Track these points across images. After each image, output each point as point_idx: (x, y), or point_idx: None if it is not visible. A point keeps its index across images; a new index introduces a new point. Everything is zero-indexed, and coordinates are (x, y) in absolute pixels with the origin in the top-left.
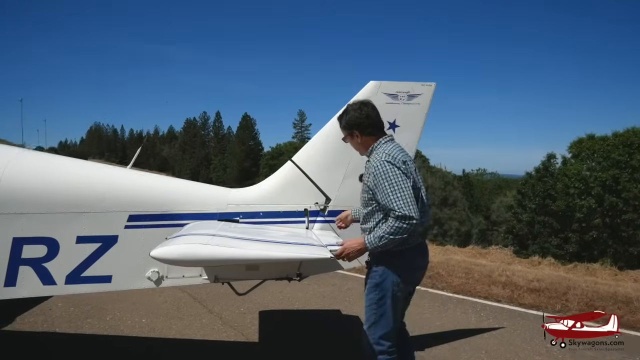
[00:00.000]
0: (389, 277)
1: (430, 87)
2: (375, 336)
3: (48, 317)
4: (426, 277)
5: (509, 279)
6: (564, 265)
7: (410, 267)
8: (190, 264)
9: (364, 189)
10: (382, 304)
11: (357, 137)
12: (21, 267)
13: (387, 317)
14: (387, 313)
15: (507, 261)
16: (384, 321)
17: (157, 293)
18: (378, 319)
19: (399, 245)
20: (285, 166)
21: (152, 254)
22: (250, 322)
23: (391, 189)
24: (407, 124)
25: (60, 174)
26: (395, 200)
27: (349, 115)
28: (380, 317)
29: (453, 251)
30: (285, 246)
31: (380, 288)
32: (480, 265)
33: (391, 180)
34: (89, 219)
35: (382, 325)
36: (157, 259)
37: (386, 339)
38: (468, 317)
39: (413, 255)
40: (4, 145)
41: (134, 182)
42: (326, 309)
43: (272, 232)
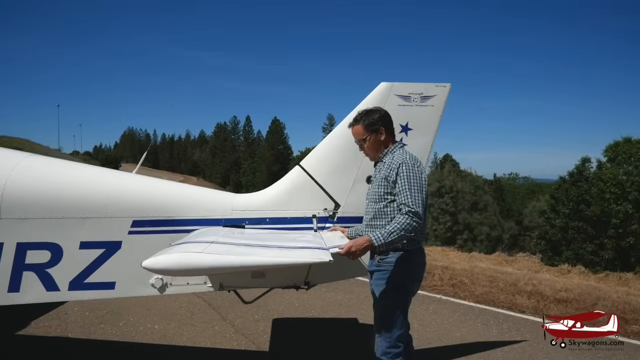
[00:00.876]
0: (404, 277)
1: (444, 88)
2: (392, 339)
3: (63, 321)
4: (448, 285)
5: (535, 289)
6: (595, 274)
7: (418, 265)
8: (182, 274)
9: (378, 184)
10: (399, 305)
11: (381, 134)
12: (25, 272)
13: (402, 319)
14: (403, 314)
15: (534, 269)
16: (399, 322)
17: (173, 299)
18: (395, 321)
19: (409, 245)
20: (293, 171)
21: (143, 265)
22: (262, 330)
23: (411, 185)
24: (420, 127)
25: (64, 178)
26: (412, 196)
27: (371, 114)
28: (397, 318)
29: (478, 258)
30: (286, 250)
31: (397, 288)
32: (505, 273)
33: (415, 178)
34: (93, 224)
35: (398, 326)
36: (148, 269)
37: (401, 341)
38: (489, 328)
39: (419, 253)
40: (9, 150)
41: (138, 187)
42: (342, 317)
43: (277, 236)
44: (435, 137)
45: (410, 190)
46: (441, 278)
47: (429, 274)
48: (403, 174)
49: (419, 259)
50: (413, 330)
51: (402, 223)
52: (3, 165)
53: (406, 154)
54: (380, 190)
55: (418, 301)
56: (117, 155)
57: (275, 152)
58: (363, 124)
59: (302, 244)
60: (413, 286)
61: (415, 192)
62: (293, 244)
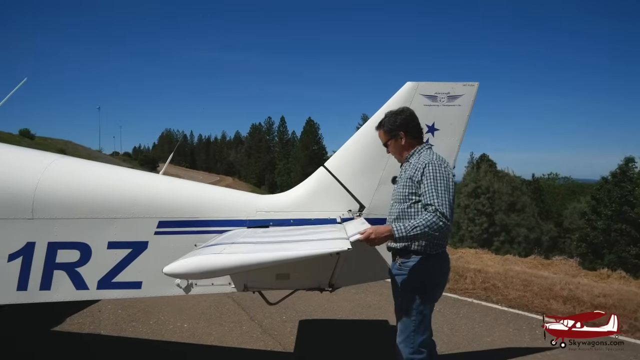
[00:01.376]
0: (427, 282)
1: (472, 87)
2: (415, 344)
3: (96, 318)
4: (481, 288)
5: (572, 293)
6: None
7: (442, 270)
8: (202, 276)
9: (403, 185)
10: (423, 309)
11: (401, 139)
12: (56, 271)
13: (425, 323)
14: (426, 318)
15: (571, 273)
16: (423, 327)
17: (203, 298)
18: (417, 326)
19: (431, 249)
20: (318, 172)
21: (164, 271)
22: (290, 331)
23: (437, 185)
24: (447, 127)
25: (93, 179)
26: (439, 197)
27: (392, 118)
28: (420, 323)
29: (513, 261)
30: (304, 244)
31: (419, 293)
32: (541, 277)
33: (442, 179)
34: (120, 224)
35: (421, 331)
36: (169, 275)
37: (424, 346)
38: (522, 334)
39: (443, 259)
40: (41, 152)
41: (164, 188)
42: (370, 319)
43: (299, 232)
44: (463, 137)
45: (436, 191)
46: (473, 281)
47: (461, 277)
48: (429, 175)
49: (441, 263)
50: (442, 334)
51: (428, 220)
52: (35, 167)
53: (433, 155)
54: (404, 191)
55: (449, 305)
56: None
57: (309, 153)
58: (384, 129)
59: (322, 237)
60: (435, 291)
61: (441, 193)
62: (313, 237)
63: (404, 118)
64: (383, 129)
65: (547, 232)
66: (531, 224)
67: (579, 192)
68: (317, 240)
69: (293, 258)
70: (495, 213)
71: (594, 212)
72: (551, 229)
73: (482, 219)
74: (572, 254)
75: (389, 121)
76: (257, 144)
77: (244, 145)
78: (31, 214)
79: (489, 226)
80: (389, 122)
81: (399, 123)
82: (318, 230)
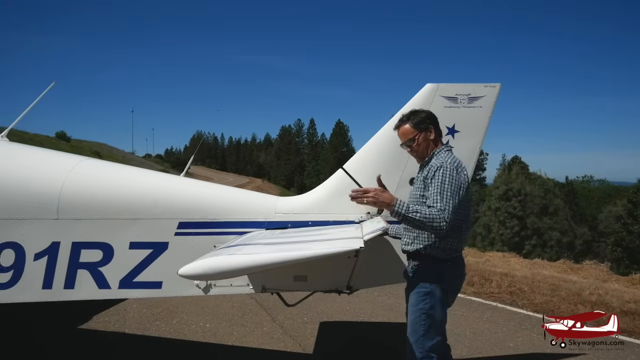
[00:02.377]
0: (439, 286)
1: (494, 88)
2: (424, 348)
3: (121, 317)
4: (506, 292)
5: (601, 299)
6: None
7: (455, 276)
8: (216, 277)
9: (418, 185)
10: (432, 313)
11: (430, 132)
12: (79, 270)
13: (435, 328)
14: (436, 323)
15: (602, 278)
16: (433, 332)
17: (227, 298)
18: (427, 330)
19: (444, 253)
20: (337, 174)
21: (179, 273)
22: (310, 332)
23: (445, 190)
24: (468, 129)
25: (115, 181)
26: (442, 200)
27: (421, 112)
28: (429, 327)
29: (541, 265)
30: (318, 244)
31: (430, 297)
32: (570, 281)
33: (451, 184)
34: (142, 225)
35: (431, 336)
36: (184, 276)
37: (434, 351)
38: (546, 339)
39: (457, 264)
40: (66, 154)
41: (185, 189)
42: (392, 322)
43: (315, 232)
44: (484, 139)
45: (441, 194)
46: (499, 285)
47: (486, 281)
48: (439, 177)
49: (454, 269)
50: (464, 338)
51: (432, 214)
52: (60, 168)
53: (449, 157)
54: (417, 193)
55: (473, 308)
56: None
57: (338, 155)
58: (412, 122)
59: (336, 237)
60: (447, 297)
61: (447, 198)
62: (327, 237)
63: (430, 113)
64: (411, 123)
65: (580, 236)
66: (564, 227)
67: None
68: (331, 240)
69: (305, 258)
70: (527, 216)
71: (630, 216)
72: (585, 233)
73: (513, 222)
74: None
75: (415, 115)
76: (287, 146)
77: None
78: (56, 215)
79: (520, 229)
80: (416, 116)
81: (429, 115)
82: (334, 230)
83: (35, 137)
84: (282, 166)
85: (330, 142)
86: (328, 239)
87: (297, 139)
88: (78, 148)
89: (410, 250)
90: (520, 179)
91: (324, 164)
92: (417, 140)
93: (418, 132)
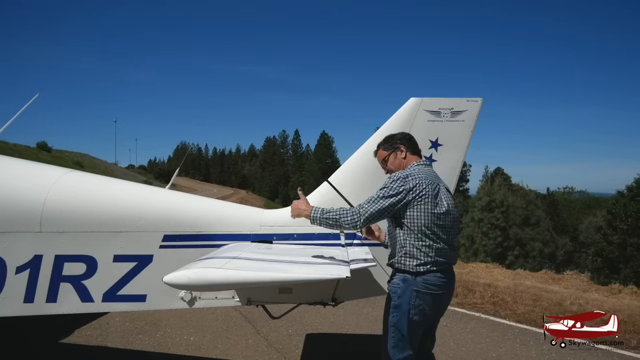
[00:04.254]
0: (406, 300)
1: (476, 102)
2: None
3: (104, 331)
4: (489, 303)
5: (582, 308)
6: None
7: (431, 291)
8: (202, 289)
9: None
10: (400, 327)
11: (402, 152)
12: (62, 284)
13: (405, 342)
14: (405, 337)
15: (582, 288)
16: (402, 345)
17: (211, 311)
18: (396, 343)
19: (421, 266)
20: (322, 187)
21: (164, 280)
22: (295, 345)
23: (377, 194)
24: (451, 143)
25: (100, 193)
26: (369, 202)
27: (394, 136)
28: (399, 341)
29: (523, 275)
30: (305, 266)
31: (397, 310)
32: (551, 292)
33: (382, 189)
34: (126, 238)
35: (400, 348)
36: (168, 284)
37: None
38: (528, 349)
39: (437, 279)
40: (51, 166)
41: (170, 202)
42: (377, 334)
43: (302, 252)
44: (467, 152)
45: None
46: (482, 295)
47: (470, 292)
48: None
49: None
50: (448, 348)
51: (345, 212)
52: (44, 180)
53: (411, 169)
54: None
55: (456, 319)
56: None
57: (323, 166)
58: (383, 146)
59: (324, 260)
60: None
61: (374, 201)
62: (315, 260)
63: (404, 135)
64: (382, 147)
65: (562, 247)
66: (546, 238)
67: (595, 206)
68: (319, 265)
69: (293, 280)
70: (509, 227)
71: (609, 227)
72: (566, 243)
73: (496, 233)
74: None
75: (387, 139)
76: (271, 157)
77: (258, 158)
78: (39, 227)
79: (503, 240)
80: (388, 139)
81: (399, 137)
82: (321, 250)
83: (15, 147)
84: (266, 177)
85: (315, 153)
86: (316, 262)
87: (281, 150)
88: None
89: (388, 262)
90: (502, 191)
91: (309, 175)
92: (389, 161)
93: (388, 152)
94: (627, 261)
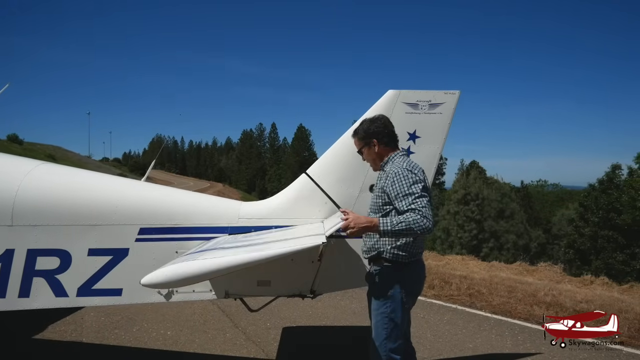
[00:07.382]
0: (399, 289)
1: (453, 95)
2: (387, 350)
3: (78, 326)
4: (465, 295)
5: (555, 299)
6: (619, 285)
7: (416, 279)
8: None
9: (377, 195)
10: (394, 317)
11: (374, 146)
12: (35, 278)
13: (397, 330)
14: (397, 326)
15: (556, 279)
16: (395, 334)
17: (188, 305)
18: (389, 333)
19: (407, 257)
20: (300, 179)
21: (142, 283)
22: (273, 338)
23: (410, 191)
24: (428, 135)
25: (73, 186)
26: (416, 202)
27: (366, 126)
28: (392, 330)
29: (499, 268)
30: (279, 243)
31: (392, 300)
32: (525, 283)
33: (410, 184)
34: (101, 231)
35: (393, 338)
36: (147, 286)
37: (397, 352)
38: (504, 340)
39: (417, 267)
40: (21, 158)
41: (146, 194)
42: (355, 326)
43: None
44: (444, 144)
45: (412, 195)
46: (458, 287)
47: (446, 284)
48: (397, 183)
49: (414, 272)
50: (425, 340)
51: (413, 218)
52: (15, 173)
53: (404, 162)
54: (379, 201)
55: (433, 311)
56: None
57: (300, 159)
58: (358, 136)
59: (299, 235)
60: (407, 300)
61: (418, 197)
62: (290, 236)
63: (377, 126)
64: (357, 137)
65: (535, 239)
66: (520, 230)
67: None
68: (293, 239)
69: (267, 258)
70: (484, 220)
71: (581, 219)
72: (540, 236)
73: (471, 226)
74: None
75: (362, 129)
76: (248, 150)
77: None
78: (10, 221)
79: (478, 233)
80: (362, 129)
81: (372, 131)
82: (297, 229)
83: None
84: (243, 170)
85: (292, 146)
86: (291, 237)
87: (258, 143)
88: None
89: (371, 255)
90: (478, 184)
91: (286, 168)
92: (363, 154)
93: (362, 145)
94: (598, 253)
